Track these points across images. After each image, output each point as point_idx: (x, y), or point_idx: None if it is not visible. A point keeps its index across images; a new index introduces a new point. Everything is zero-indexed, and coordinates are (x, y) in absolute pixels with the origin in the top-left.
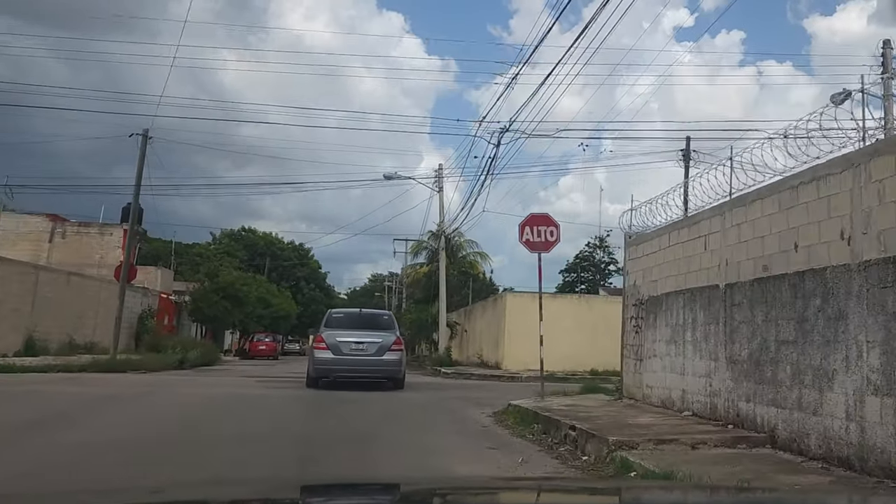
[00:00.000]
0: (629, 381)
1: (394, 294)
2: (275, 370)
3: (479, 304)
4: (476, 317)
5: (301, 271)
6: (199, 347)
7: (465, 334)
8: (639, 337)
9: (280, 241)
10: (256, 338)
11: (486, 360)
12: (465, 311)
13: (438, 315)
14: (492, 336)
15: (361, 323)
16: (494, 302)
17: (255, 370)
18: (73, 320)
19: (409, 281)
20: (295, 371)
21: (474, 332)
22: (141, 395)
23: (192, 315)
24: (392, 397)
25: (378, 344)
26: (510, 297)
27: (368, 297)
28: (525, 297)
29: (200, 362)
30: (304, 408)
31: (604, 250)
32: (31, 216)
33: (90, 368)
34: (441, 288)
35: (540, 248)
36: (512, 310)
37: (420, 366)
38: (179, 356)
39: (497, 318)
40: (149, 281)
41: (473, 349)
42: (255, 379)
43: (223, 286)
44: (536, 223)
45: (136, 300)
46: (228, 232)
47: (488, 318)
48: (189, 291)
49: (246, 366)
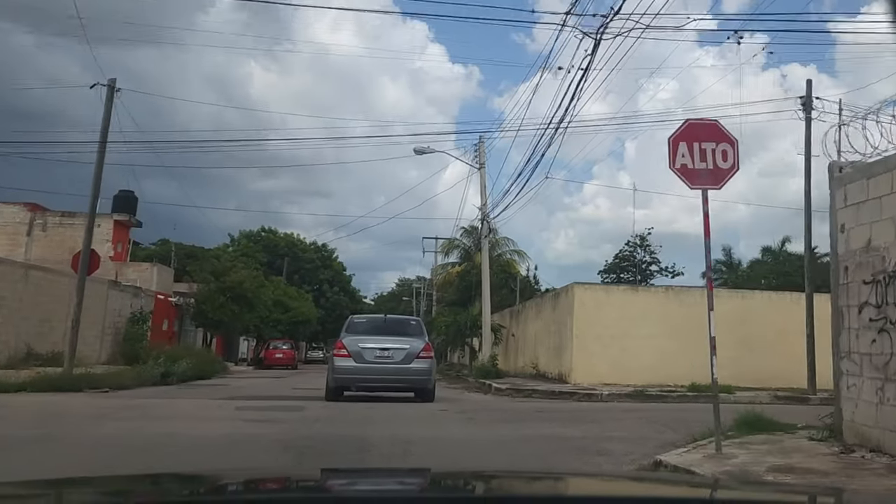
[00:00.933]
0: (862, 414)
1: (422, 298)
2: (285, 384)
3: (532, 302)
4: (528, 318)
5: (324, 274)
6: (193, 357)
7: (511, 339)
8: (885, 339)
9: (302, 241)
10: (273, 345)
11: (544, 371)
12: (512, 312)
13: (481, 317)
14: (552, 341)
15: (387, 328)
16: (555, 298)
17: (260, 384)
18: (33, 325)
19: (440, 282)
20: (310, 386)
21: (526, 337)
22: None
23: (194, 319)
24: (449, 437)
25: (405, 351)
26: (579, 290)
27: (396, 301)
28: (597, 290)
29: (192, 375)
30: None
31: (645, 249)
32: (5, 205)
33: (31, 387)
34: (484, 284)
35: (705, 179)
36: (582, 307)
37: (458, 377)
38: (162, 369)
39: (560, 318)
40: (143, 280)
41: (526, 357)
42: (242, 401)
43: (231, 286)
44: (698, 136)
45: (124, 301)
46: (247, 233)
47: (546, 319)
48: (192, 293)
49: (255, 378)
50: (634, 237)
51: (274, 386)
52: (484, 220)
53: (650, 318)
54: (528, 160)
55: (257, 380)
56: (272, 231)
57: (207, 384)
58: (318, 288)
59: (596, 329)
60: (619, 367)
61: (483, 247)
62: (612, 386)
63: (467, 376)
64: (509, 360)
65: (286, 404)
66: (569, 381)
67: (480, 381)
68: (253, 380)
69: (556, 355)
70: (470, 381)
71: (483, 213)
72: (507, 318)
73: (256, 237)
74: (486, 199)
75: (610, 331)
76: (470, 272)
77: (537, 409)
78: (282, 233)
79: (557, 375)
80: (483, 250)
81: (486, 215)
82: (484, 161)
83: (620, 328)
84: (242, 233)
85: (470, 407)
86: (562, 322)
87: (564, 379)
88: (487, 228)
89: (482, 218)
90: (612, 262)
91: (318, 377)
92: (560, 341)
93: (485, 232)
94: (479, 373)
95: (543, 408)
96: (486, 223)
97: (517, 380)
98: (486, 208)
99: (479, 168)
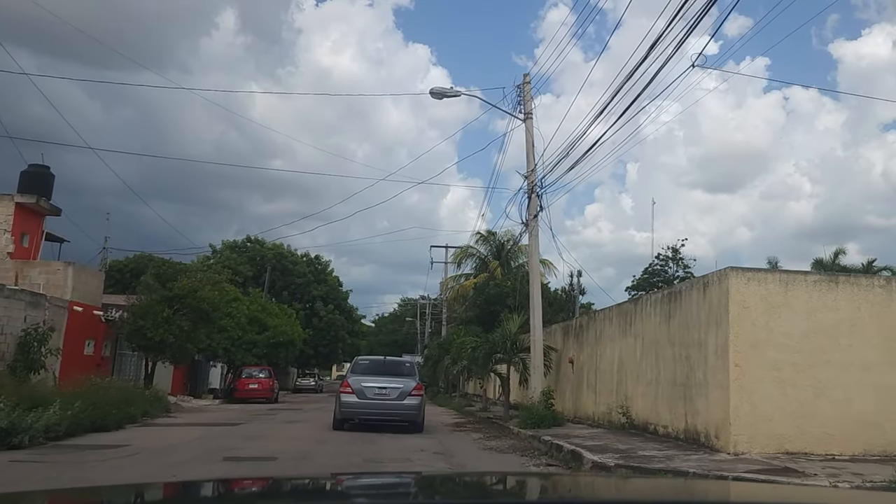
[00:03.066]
0: None
1: (427, 319)
2: (231, 439)
3: (610, 312)
4: (602, 336)
5: (317, 289)
6: (96, 394)
7: (568, 367)
8: None
9: (292, 253)
10: (246, 373)
11: (645, 422)
12: (567, 329)
13: (521, 336)
14: (668, 372)
15: (385, 369)
16: (674, 300)
17: (183, 443)
18: None
19: (452, 296)
20: (272, 443)
21: (599, 365)
22: None
23: (128, 339)
24: None
25: (399, 389)
26: (736, 279)
27: (398, 323)
28: (768, 280)
29: (78, 427)
30: None
31: (678, 263)
32: None
33: None
34: (533, 288)
35: None
36: (743, 312)
37: (491, 422)
38: (3, 422)
39: (689, 332)
40: (52, 284)
41: (601, 395)
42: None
43: (180, 295)
44: None
45: (12, 312)
46: (230, 244)
47: (651, 336)
48: (128, 305)
49: (190, 427)
50: (666, 249)
51: (200, 449)
52: (532, 193)
53: (863, 333)
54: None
55: (190, 429)
56: (259, 241)
57: (78, 447)
58: (310, 306)
59: (768, 352)
60: (813, 422)
61: (531, 231)
62: (807, 457)
63: (507, 423)
64: (565, 398)
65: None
66: (717, 444)
67: (538, 437)
68: (183, 430)
69: (682, 396)
70: (513, 431)
71: (530, 182)
72: (559, 337)
73: (241, 248)
74: (534, 164)
75: (793, 355)
76: (488, 283)
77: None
78: (269, 243)
79: (685, 433)
80: (532, 238)
81: (535, 185)
82: (531, 109)
83: (812, 350)
84: (226, 243)
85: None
86: (694, 339)
87: (704, 440)
88: (538, 205)
89: (529, 190)
90: (642, 278)
91: (296, 419)
92: (690, 372)
93: (533, 210)
94: (527, 419)
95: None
96: (536, 196)
97: (593, 432)
98: (535, 175)
99: (524, 119)
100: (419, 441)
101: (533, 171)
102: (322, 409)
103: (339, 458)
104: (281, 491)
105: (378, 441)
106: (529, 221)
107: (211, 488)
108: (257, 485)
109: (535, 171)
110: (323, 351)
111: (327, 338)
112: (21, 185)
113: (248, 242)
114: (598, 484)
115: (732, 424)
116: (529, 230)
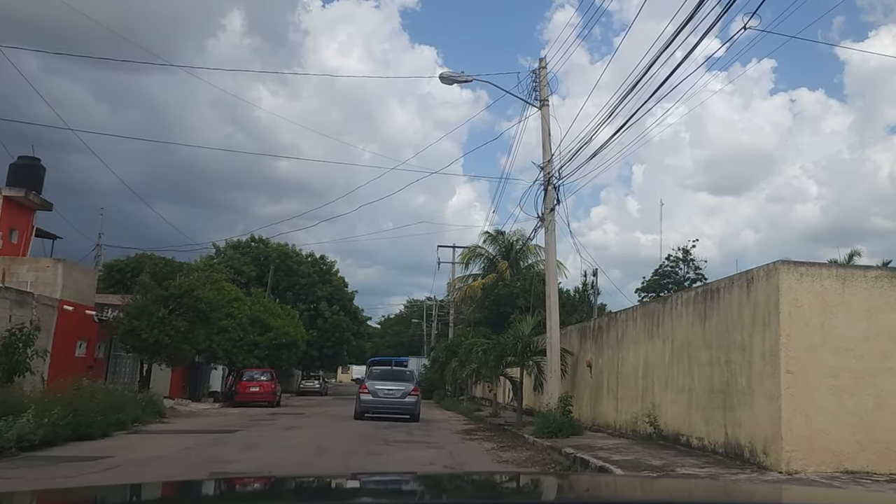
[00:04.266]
0: None
1: (433, 321)
2: (222, 450)
3: (637, 310)
4: (626, 338)
5: (322, 290)
6: (79, 399)
7: (587, 372)
8: None
9: (297, 253)
10: (247, 375)
11: (676, 433)
12: (583, 330)
13: (546, 338)
14: (703, 378)
15: (392, 375)
16: (712, 297)
17: (166, 454)
18: None
19: (460, 297)
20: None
21: (622, 369)
22: None
23: (122, 341)
24: None
25: (402, 390)
26: (787, 274)
27: (404, 325)
28: (823, 276)
29: (57, 435)
30: None
31: (689, 264)
32: None
33: None
34: (550, 287)
35: None
36: (796, 311)
37: (504, 429)
38: None
39: (730, 333)
40: (41, 281)
41: (623, 402)
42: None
43: (177, 294)
44: None
45: (0, 311)
46: (234, 243)
47: (682, 338)
48: (123, 305)
49: (181, 435)
50: (677, 250)
51: (186, 461)
52: (548, 185)
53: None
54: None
55: (181, 437)
56: (263, 241)
57: (52, 459)
58: (314, 307)
59: (824, 356)
60: (874, 436)
61: (547, 225)
62: (870, 477)
63: (522, 431)
64: (582, 404)
65: None
66: (766, 461)
67: (558, 449)
68: (174, 438)
69: (721, 406)
70: (527, 438)
71: (546, 173)
72: (574, 340)
73: (245, 247)
74: (550, 154)
75: (851, 360)
76: (497, 284)
77: None
78: (274, 243)
79: (725, 447)
80: (548, 233)
81: (552, 177)
82: (547, 95)
83: (872, 354)
84: (229, 242)
85: None
86: (735, 342)
87: (749, 456)
88: (554, 197)
89: (545, 181)
90: (651, 279)
91: (297, 425)
92: (731, 379)
93: (550, 203)
94: (543, 427)
95: None
96: (553, 188)
97: (618, 443)
98: (551, 166)
99: (541, 106)
100: (428, 453)
101: (549, 162)
102: (325, 414)
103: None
104: (281, 491)
105: (384, 453)
106: (546, 215)
107: (212, 487)
108: (258, 483)
109: (551, 161)
110: (328, 352)
111: (332, 339)
112: (10, 178)
113: (252, 242)
114: (619, 484)
115: (784, 439)
116: (546, 224)
